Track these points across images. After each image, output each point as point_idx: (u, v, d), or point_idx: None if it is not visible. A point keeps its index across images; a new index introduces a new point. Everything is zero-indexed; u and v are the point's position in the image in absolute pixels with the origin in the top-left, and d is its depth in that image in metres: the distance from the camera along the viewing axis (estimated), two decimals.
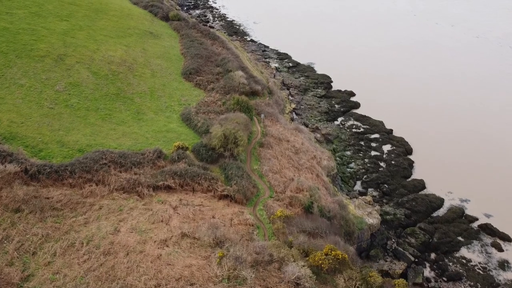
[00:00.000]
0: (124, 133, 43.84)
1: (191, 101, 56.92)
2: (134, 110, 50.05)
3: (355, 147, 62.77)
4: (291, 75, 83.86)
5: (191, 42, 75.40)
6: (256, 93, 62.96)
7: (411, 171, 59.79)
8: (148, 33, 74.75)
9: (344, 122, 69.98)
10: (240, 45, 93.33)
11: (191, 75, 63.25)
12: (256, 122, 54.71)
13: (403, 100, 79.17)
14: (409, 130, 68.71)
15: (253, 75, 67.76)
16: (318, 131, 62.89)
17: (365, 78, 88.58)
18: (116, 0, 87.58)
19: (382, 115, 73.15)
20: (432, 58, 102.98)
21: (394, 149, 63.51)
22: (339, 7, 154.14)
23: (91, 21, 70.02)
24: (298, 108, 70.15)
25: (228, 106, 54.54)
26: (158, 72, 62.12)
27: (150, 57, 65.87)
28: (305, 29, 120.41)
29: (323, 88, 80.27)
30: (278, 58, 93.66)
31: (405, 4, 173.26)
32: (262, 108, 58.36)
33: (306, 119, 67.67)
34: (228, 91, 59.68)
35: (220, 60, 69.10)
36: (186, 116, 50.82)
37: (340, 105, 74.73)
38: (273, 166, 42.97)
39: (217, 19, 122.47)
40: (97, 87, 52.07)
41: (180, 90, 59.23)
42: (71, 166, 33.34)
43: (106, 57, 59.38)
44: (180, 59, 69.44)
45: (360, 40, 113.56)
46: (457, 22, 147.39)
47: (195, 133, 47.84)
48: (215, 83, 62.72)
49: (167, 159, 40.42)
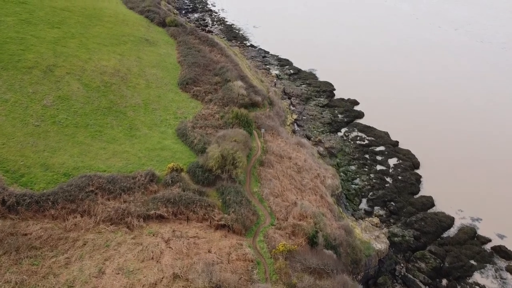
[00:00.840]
0: (115, 153, 40.94)
1: (187, 114, 54.05)
2: (127, 126, 47.15)
3: (359, 161, 59.90)
4: (292, 83, 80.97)
5: (189, 49, 72.53)
6: (256, 105, 60.12)
7: (419, 187, 56.93)
8: (144, 40, 71.87)
9: (348, 133, 67.11)
10: (240, 51, 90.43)
11: (188, 86, 60.37)
12: (256, 137, 51.85)
13: (408, 109, 76.36)
14: (415, 142, 65.84)
15: (253, 85, 64.90)
16: (321, 144, 60.03)
17: (368, 85, 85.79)
18: (111, 5, 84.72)
19: (387, 126, 70.30)
20: (437, 64, 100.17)
21: (400, 163, 60.64)
22: (340, 10, 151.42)
23: (84, 28, 67.14)
24: (300, 119, 67.26)
25: (226, 120, 51.67)
26: (153, 83, 59.24)
27: (145, 66, 62.99)
28: (306, 33, 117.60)
29: (325, 96, 77.40)
30: (278, 64, 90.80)
31: (407, 7, 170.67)
32: (263, 121, 55.49)
33: (309, 131, 64.80)
34: (226, 103, 56.83)
35: (218, 69, 66.24)
36: (182, 131, 47.93)
37: (343, 115, 71.87)
38: (274, 188, 40.09)
39: (216, 23, 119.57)
40: (88, 100, 49.18)
41: (176, 102, 56.36)
42: (53, 195, 30.46)
43: (99, 67, 56.50)
44: (176, 67, 66.56)
45: (362, 45, 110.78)
46: (460, 25, 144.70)
47: (191, 151, 44.94)
48: (213, 94, 59.85)
49: (160, 182, 37.54)
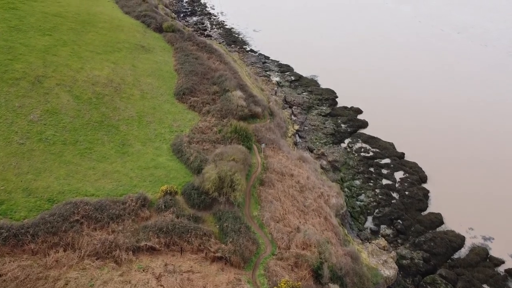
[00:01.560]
0: (105, 173, 38.25)
1: (184, 126, 51.38)
2: (119, 142, 44.45)
3: (364, 175, 57.22)
4: (293, 91, 78.27)
5: (186, 56, 69.84)
6: (256, 116, 57.47)
7: (427, 202, 54.23)
8: (139, 47, 69.18)
9: (352, 144, 64.41)
10: (239, 57, 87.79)
11: (185, 96, 57.70)
12: (256, 152, 49.19)
13: (414, 118, 73.65)
14: (422, 154, 63.13)
15: (253, 94, 62.22)
16: (324, 158, 57.34)
17: (372, 92, 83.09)
18: (107, 10, 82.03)
19: (391, 136, 67.61)
20: (442, 70, 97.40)
21: (407, 177, 57.95)
22: (340, 13, 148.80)
23: (77, 35, 64.44)
24: (301, 130, 64.58)
25: (224, 134, 48.99)
26: (148, 93, 56.56)
27: (140, 75, 60.30)
28: (307, 37, 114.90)
29: (328, 105, 74.72)
30: (279, 71, 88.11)
31: (408, 9, 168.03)
32: (263, 134, 52.85)
33: (311, 142, 62.13)
34: (225, 115, 54.18)
35: (217, 78, 63.56)
36: (177, 147, 45.25)
37: (346, 125, 69.17)
38: (275, 211, 37.41)
39: (215, 26, 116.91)
40: (78, 114, 46.48)
41: (172, 114, 53.67)
42: (34, 227, 27.77)
43: (91, 77, 53.82)
44: (173, 76, 63.87)
45: (365, 50, 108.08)
46: (463, 28, 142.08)
47: (187, 169, 42.30)
48: (211, 104, 57.19)
49: (152, 206, 34.87)
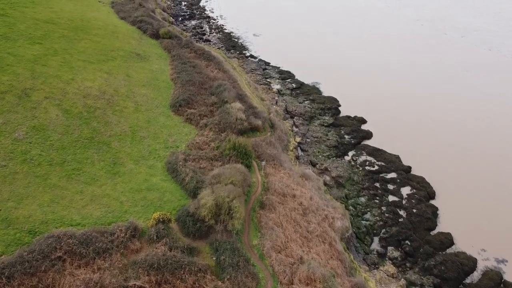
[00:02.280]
0: (94, 197, 35.54)
1: (180, 142, 48.69)
2: (110, 160, 41.73)
3: (370, 191, 54.49)
4: (294, 99, 75.54)
5: (183, 64, 67.15)
6: (256, 129, 54.78)
7: (436, 221, 51.50)
8: (135, 55, 66.48)
9: (356, 157, 61.69)
10: (239, 64, 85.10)
11: (181, 108, 55.01)
12: (256, 169, 46.49)
13: (420, 128, 70.96)
14: (430, 168, 60.41)
15: (253, 105, 59.54)
16: (328, 173, 54.63)
17: (375, 99, 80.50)
18: (102, 16, 79.34)
19: (397, 148, 64.91)
20: (448, 77, 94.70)
21: (414, 193, 55.23)
22: (342, 17, 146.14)
23: (69, 43, 61.74)
24: (303, 142, 61.83)
25: (222, 151, 46.30)
26: (142, 105, 53.87)
27: (134, 85, 57.61)
28: (308, 41, 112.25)
29: (330, 114, 72.00)
30: (280, 78, 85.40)
31: (410, 12, 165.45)
32: (263, 150, 50.13)
33: (313, 156, 59.40)
34: (223, 128, 51.49)
35: (215, 88, 60.87)
36: (172, 165, 42.53)
37: (350, 136, 66.45)
38: (277, 239, 34.69)
39: (214, 31, 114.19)
40: (67, 130, 43.77)
41: (168, 128, 50.97)
42: (9, 268, 25.04)
43: (82, 89, 51.12)
44: (169, 86, 61.18)
45: (367, 55, 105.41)
46: (467, 32, 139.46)
47: (182, 190, 39.58)
48: (208, 117, 54.52)
49: (144, 236, 32.17)
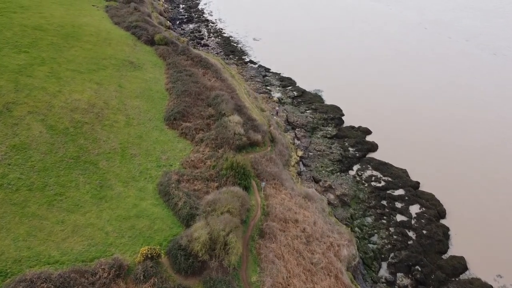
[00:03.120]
0: (76, 228, 32.21)
1: (173, 159, 45.38)
2: (97, 183, 38.40)
3: (376, 210, 51.20)
4: (296, 109, 72.25)
5: (179, 73, 63.85)
6: (255, 144, 51.48)
7: (448, 243, 48.22)
8: (128, 63, 63.15)
9: (361, 172, 58.40)
10: (238, 71, 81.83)
11: (176, 121, 51.70)
12: (255, 190, 43.19)
13: (427, 139, 67.68)
14: (439, 183, 57.16)
15: (252, 118, 56.23)
16: (332, 191, 51.33)
17: (379, 108, 77.30)
18: (94, 21, 75.99)
19: (404, 161, 61.65)
20: (455, 84, 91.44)
21: (423, 212, 51.96)
22: (344, 20, 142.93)
23: (58, 51, 58.43)
24: (306, 157, 58.51)
25: (219, 170, 42.99)
26: (134, 118, 50.55)
27: (126, 97, 54.31)
28: (310, 46, 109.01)
29: (334, 125, 68.69)
30: (280, 85, 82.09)
31: (413, 15, 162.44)
32: (263, 167, 46.83)
33: (316, 171, 56.10)
34: (220, 144, 48.19)
35: (212, 98, 57.58)
36: (164, 188, 39.21)
37: (354, 148, 63.14)
38: (278, 274, 31.38)
39: (213, 35, 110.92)
40: (51, 148, 40.46)
41: (161, 143, 47.64)
42: None
43: (70, 103, 47.81)
44: (164, 96, 57.88)
45: (370, 61, 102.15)
46: (472, 36, 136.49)
47: (174, 216, 36.28)
48: (205, 131, 51.22)
49: (130, 274, 28.84)
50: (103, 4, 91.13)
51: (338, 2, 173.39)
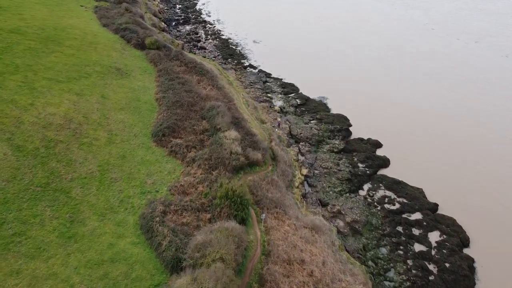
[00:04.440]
0: (33, 281, 26.27)
1: (160, 184, 39.46)
2: (67, 217, 32.49)
3: (392, 239, 45.22)
4: (299, 119, 66.23)
5: (171, 81, 57.93)
6: (255, 163, 45.55)
7: (474, 278, 42.19)
8: (114, 70, 57.22)
9: (373, 191, 52.42)
10: (236, 76, 75.88)
11: (165, 137, 45.77)
12: (254, 221, 37.27)
13: (445, 154, 61.68)
14: (460, 205, 51.16)
15: (251, 132, 50.30)
16: (341, 217, 45.39)
17: (389, 117, 71.36)
18: (80, 23, 70.01)
19: (419, 178, 55.67)
20: (472, 91, 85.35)
21: (444, 240, 45.96)
22: (350, 21, 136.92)
23: (35, 57, 52.51)
24: (311, 176, 52.53)
25: (212, 199, 37.05)
26: (118, 135, 44.61)
27: (110, 109, 48.38)
28: (313, 50, 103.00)
29: (341, 137, 62.68)
30: (282, 92, 76.10)
31: (419, 16, 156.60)
32: (263, 192, 40.88)
33: (323, 192, 50.13)
34: (214, 165, 42.25)
35: (207, 110, 51.67)
36: (147, 222, 33.30)
37: (364, 164, 57.16)
38: None
39: (211, 37, 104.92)
40: (16, 174, 34.55)
41: (147, 164, 41.71)
42: None
43: (43, 118, 41.90)
44: (153, 108, 51.96)
45: (377, 64, 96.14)
46: (481, 37, 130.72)
47: (157, 259, 30.39)
48: (197, 148, 45.27)
49: None
50: (92, 4, 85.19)
51: (341, 2, 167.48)
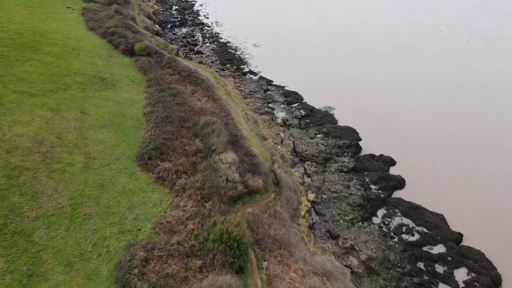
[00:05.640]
0: None
1: (143, 219, 33.45)
2: (24, 270, 26.41)
3: (413, 279, 39.14)
4: (304, 133, 60.17)
5: (161, 92, 51.91)
6: (255, 191, 39.52)
7: None
8: (98, 81, 51.18)
9: (388, 219, 46.39)
10: (235, 85, 69.89)
11: (152, 161, 39.68)
12: (253, 268, 31.27)
13: (467, 173, 55.65)
14: (487, 235, 45.19)
15: (251, 152, 44.24)
16: (355, 254, 39.33)
17: (402, 129, 65.39)
18: (64, 26, 63.90)
19: (439, 201, 49.76)
20: (486, 98, 79.34)
21: (473, 279, 39.97)
22: (355, 23, 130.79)
23: (7, 67, 46.46)
24: (319, 201, 46.48)
25: (203, 239, 31.03)
26: (97, 158, 38.56)
27: (90, 127, 42.33)
28: (318, 54, 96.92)
29: (350, 154, 56.64)
30: (285, 102, 70.06)
31: (427, 17, 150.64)
32: (264, 229, 34.85)
33: (332, 222, 44.07)
34: (208, 195, 36.24)
35: (201, 127, 45.62)
36: (123, 274, 27.25)
37: (378, 186, 51.13)
38: None
39: (208, 40, 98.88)
40: None
41: (129, 195, 35.67)
42: None
43: (7, 140, 35.87)
44: (139, 124, 45.93)
45: (385, 69, 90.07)
46: (491, 39, 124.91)
47: None
48: (189, 173, 39.21)
49: None
50: (80, 5, 79.17)
51: (345, 2, 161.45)
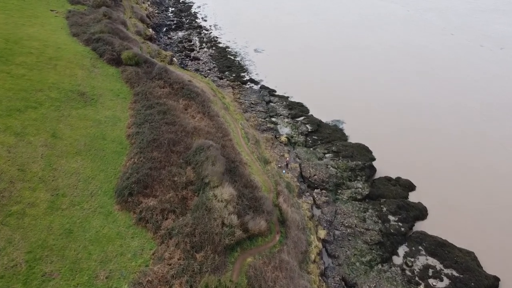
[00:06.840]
0: None
1: (118, 278, 26.87)
2: None
3: None
4: (312, 153, 53.55)
5: (149, 109, 45.37)
6: (257, 234, 32.97)
7: None
8: (76, 96, 44.63)
9: (411, 259, 39.75)
10: (234, 97, 63.33)
11: (133, 197, 33.10)
12: None
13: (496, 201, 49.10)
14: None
15: (251, 183, 37.69)
16: None
17: (419, 146, 58.92)
18: (44, 32, 57.28)
19: (467, 235, 43.24)
20: None
21: None
22: (363, 24, 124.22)
23: None
24: (331, 240, 39.83)
25: None
26: (66, 195, 31.97)
27: (61, 154, 35.77)
28: (323, 59, 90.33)
29: (364, 178, 50.05)
30: (289, 115, 63.43)
31: (435, 19, 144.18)
32: (268, 285, 28.24)
33: (347, 265, 37.45)
34: (200, 244, 29.68)
35: (193, 153, 39.03)
36: None
37: (397, 217, 44.53)
38: None
39: (206, 45, 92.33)
40: None
41: (103, 243, 29.10)
42: None
43: None
44: (122, 149, 39.37)
45: (396, 79, 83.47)
46: (506, 43, 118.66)
47: None
48: (177, 213, 32.62)
49: None
50: (66, 8, 72.64)
51: (352, 4, 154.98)
